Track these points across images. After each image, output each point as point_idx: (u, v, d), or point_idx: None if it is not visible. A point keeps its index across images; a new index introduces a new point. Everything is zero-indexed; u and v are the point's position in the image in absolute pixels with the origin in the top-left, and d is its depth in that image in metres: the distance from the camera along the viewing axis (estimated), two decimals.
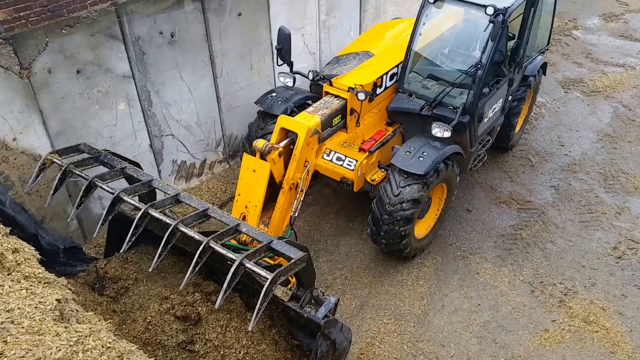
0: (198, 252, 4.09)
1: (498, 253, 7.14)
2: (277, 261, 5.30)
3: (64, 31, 5.63)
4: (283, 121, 5.90)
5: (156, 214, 4.47)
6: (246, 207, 5.56)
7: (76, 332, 3.12)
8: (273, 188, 5.74)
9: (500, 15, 6.03)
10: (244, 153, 5.80)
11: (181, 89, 6.95)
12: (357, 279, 6.71)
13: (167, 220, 4.40)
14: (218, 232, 4.33)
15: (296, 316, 4.67)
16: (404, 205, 6.11)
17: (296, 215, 5.94)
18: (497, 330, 6.16)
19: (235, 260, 3.99)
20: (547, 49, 8.54)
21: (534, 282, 6.74)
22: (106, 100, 6.21)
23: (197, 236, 4.25)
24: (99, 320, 3.96)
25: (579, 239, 7.36)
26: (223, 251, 4.13)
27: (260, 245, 4.29)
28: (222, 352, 4.64)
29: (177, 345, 4.69)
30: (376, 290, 6.57)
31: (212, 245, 4.16)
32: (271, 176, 5.64)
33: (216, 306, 3.93)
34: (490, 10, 6.03)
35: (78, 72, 5.86)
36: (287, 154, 5.84)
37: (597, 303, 6.47)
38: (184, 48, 6.77)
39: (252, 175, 5.56)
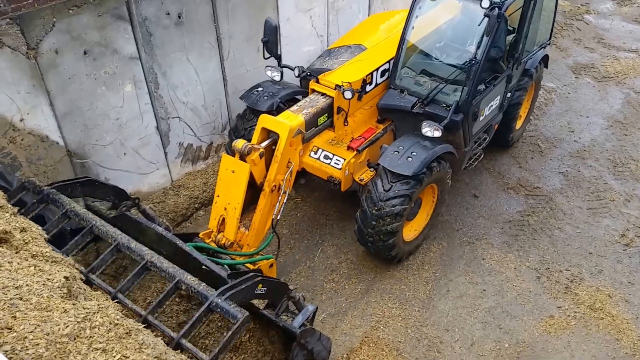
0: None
1: (505, 239, 7.12)
2: (256, 266, 5.22)
3: (71, 11, 5.60)
4: (264, 121, 5.63)
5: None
6: (225, 209, 5.38)
7: (84, 308, 3.15)
8: (255, 189, 5.54)
9: (497, 8, 5.68)
10: (223, 153, 5.55)
11: (188, 71, 6.92)
12: (362, 263, 6.72)
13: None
14: (157, 301, 4.09)
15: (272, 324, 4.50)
16: (393, 201, 5.86)
17: (278, 218, 5.72)
18: (502, 315, 6.17)
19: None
20: (549, 44, 8.20)
21: (540, 269, 6.72)
22: (113, 82, 6.20)
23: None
24: (107, 299, 3.99)
25: (586, 225, 7.32)
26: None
27: (198, 313, 3.93)
28: (223, 335, 4.59)
29: (177, 326, 4.69)
30: (381, 275, 6.58)
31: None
32: (252, 177, 5.43)
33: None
34: (485, 3, 5.65)
35: (85, 53, 5.84)
36: (270, 154, 5.60)
37: (603, 290, 6.45)
38: (191, 29, 6.72)
39: (232, 177, 5.36)
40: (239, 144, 5.32)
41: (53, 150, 5.91)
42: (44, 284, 3.35)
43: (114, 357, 2.75)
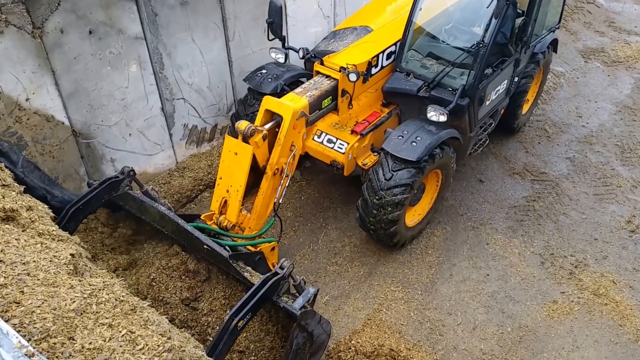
0: None
1: (509, 224, 7.11)
2: (258, 248, 5.25)
3: None
4: (268, 103, 5.59)
5: None
6: (227, 191, 5.36)
7: (90, 285, 3.18)
8: (257, 172, 5.51)
9: None
10: (226, 134, 5.50)
11: (193, 51, 6.89)
12: (366, 247, 6.74)
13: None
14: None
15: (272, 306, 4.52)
16: (395, 190, 5.80)
17: (280, 201, 5.70)
18: (505, 300, 6.18)
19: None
20: (558, 28, 8.06)
21: (545, 254, 6.71)
22: (118, 62, 6.18)
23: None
24: (112, 277, 4.03)
25: (592, 211, 7.29)
26: None
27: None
28: (226, 312, 4.60)
29: (180, 302, 4.72)
30: (385, 259, 6.60)
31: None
32: (255, 161, 5.38)
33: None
34: None
35: (90, 32, 5.81)
36: (273, 137, 5.54)
37: (607, 276, 6.44)
38: (196, 9, 6.67)
39: (234, 159, 5.31)
40: (242, 125, 5.26)
41: (58, 130, 5.92)
42: (50, 261, 3.38)
43: (120, 332, 2.78)
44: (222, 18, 7.01)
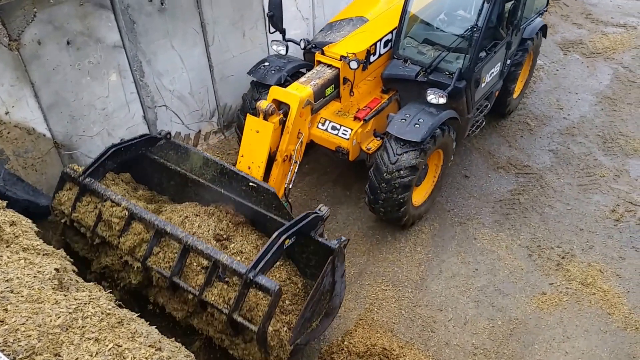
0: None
1: (496, 218, 7.16)
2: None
3: (52, 1, 5.51)
4: (275, 92, 5.85)
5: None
6: (249, 167, 5.60)
7: (75, 299, 3.16)
8: (268, 159, 5.71)
9: None
10: (248, 114, 5.83)
11: (173, 58, 6.85)
12: (355, 247, 6.74)
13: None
14: (204, 281, 4.52)
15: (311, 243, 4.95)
16: (401, 172, 6.06)
17: (291, 187, 5.94)
18: (494, 294, 6.22)
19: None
20: (546, 10, 8.37)
21: (532, 246, 6.77)
22: (97, 72, 6.13)
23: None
24: (99, 290, 4.00)
25: (577, 202, 7.37)
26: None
27: (239, 290, 4.35)
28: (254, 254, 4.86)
29: (212, 237, 4.94)
30: (374, 258, 6.61)
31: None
32: None
33: None
34: None
35: (68, 43, 5.76)
36: (281, 126, 5.80)
37: (594, 266, 6.51)
38: (175, 16, 6.64)
39: (255, 136, 5.59)
40: (264, 104, 5.57)
41: (40, 143, 5.86)
42: (34, 277, 3.35)
43: (107, 346, 2.76)
44: (200, 23, 6.98)
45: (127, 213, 4.90)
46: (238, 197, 5.21)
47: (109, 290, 3.94)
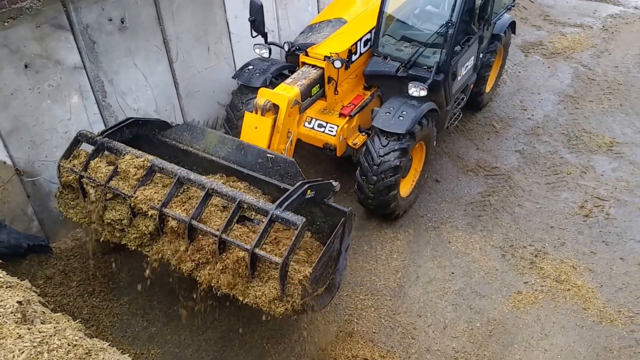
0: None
1: (468, 221, 7.22)
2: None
3: (6, 24, 5.35)
4: (264, 94, 5.99)
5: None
6: None
7: (40, 332, 3.03)
8: None
9: None
10: (245, 111, 5.98)
11: (136, 76, 6.73)
12: None
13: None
14: (226, 221, 4.57)
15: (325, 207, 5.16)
16: (391, 155, 6.29)
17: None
18: (471, 296, 6.25)
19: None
20: (514, 5, 8.74)
21: (505, 246, 6.84)
22: (58, 94, 5.97)
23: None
24: (67, 321, 3.85)
25: (546, 200, 7.49)
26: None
27: (265, 225, 4.45)
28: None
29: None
30: (351, 268, 6.58)
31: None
32: None
33: None
34: None
35: (26, 66, 5.60)
36: (271, 127, 5.94)
37: (567, 262, 6.61)
38: (136, 33, 6.53)
39: (254, 132, 5.75)
40: (261, 100, 5.78)
41: (0, 171, 5.67)
42: None
43: None
44: (163, 40, 6.89)
45: (148, 164, 4.99)
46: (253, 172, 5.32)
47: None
